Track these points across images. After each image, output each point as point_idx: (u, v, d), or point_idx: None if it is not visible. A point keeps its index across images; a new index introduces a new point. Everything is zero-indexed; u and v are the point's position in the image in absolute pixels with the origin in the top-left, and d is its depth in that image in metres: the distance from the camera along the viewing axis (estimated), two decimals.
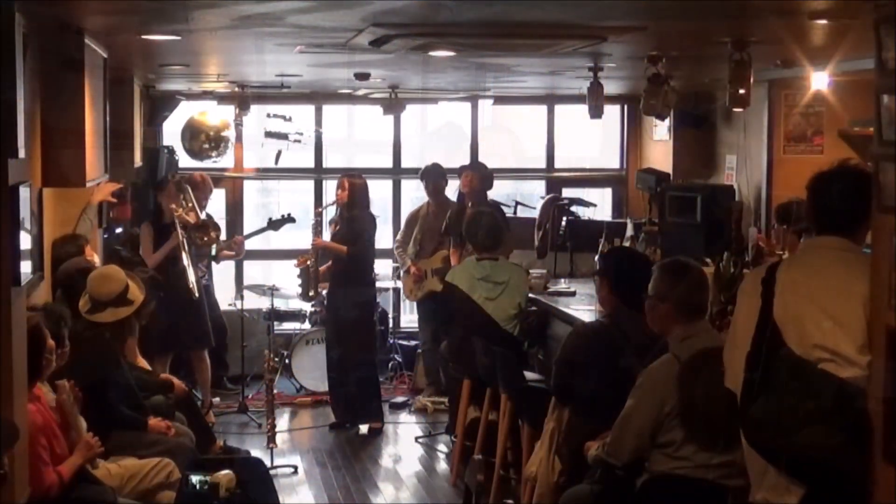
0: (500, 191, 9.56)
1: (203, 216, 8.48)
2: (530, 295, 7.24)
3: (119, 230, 8.20)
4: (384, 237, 10.25)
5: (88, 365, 5.12)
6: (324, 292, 8.47)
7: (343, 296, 8.16)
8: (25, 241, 4.11)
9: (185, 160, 9.84)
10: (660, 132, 10.11)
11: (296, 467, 7.41)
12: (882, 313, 3.16)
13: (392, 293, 10.35)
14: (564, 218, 9.04)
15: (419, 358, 9.48)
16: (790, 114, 8.53)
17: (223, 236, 9.24)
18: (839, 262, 3.48)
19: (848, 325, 3.34)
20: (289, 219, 9.05)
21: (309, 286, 8.38)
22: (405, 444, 8.16)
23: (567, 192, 10.36)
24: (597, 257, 7.50)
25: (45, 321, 4.53)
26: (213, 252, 8.86)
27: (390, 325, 10.19)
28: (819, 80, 7.56)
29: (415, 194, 11.27)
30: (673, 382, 4.05)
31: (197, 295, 7.97)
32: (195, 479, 4.69)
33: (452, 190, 9.24)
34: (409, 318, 10.82)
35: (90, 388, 4.97)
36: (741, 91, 6.00)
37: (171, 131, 10.15)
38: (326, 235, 8.45)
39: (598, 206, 10.12)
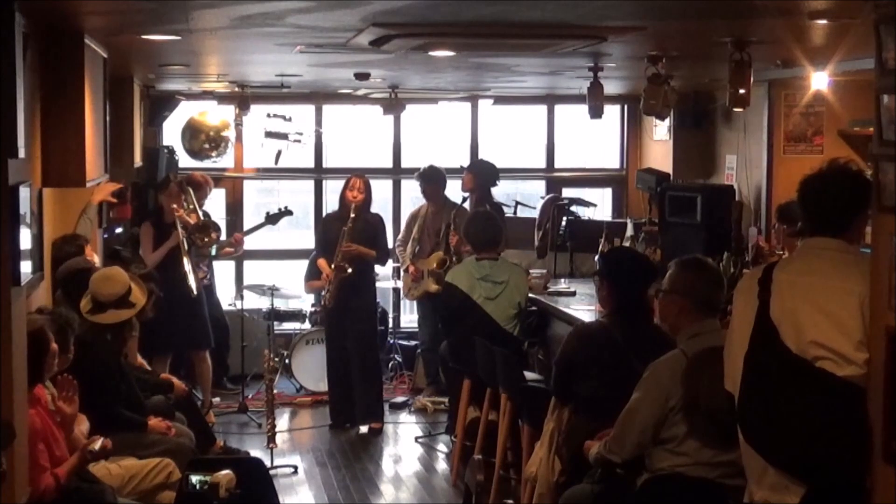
0: (500, 191, 9.56)
1: (201, 214, 8.47)
2: (530, 295, 7.24)
3: (119, 230, 8.19)
4: None
5: (89, 366, 5.11)
6: (323, 292, 8.45)
7: (349, 295, 8.14)
8: (25, 241, 4.11)
9: (185, 160, 9.85)
10: (660, 132, 10.11)
11: (296, 467, 7.41)
12: (882, 313, 3.16)
13: (392, 293, 10.35)
14: (564, 218, 9.05)
15: (419, 358, 9.49)
16: (790, 114, 8.54)
17: (223, 236, 9.24)
18: (835, 262, 3.48)
19: (845, 323, 3.34)
20: (286, 212, 9.00)
21: (336, 292, 8.19)
22: (405, 444, 8.15)
23: (567, 192, 10.36)
24: (597, 257, 7.50)
25: (50, 325, 4.52)
26: (214, 251, 8.85)
27: (390, 325, 10.19)
28: (819, 80, 7.56)
29: (415, 194, 11.25)
30: (679, 377, 4.05)
31: (196, 293, 7.96)
32: (195, 479, 4.68)
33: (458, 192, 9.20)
34: (409, 318, 10.81)
35: (90, 389, 4.97)
36: (741, 91, 6.00)
37: (171, 131, 10.16)
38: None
39: (598, 206, 10.12)
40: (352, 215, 8.01)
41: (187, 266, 7.91)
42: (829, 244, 3.51)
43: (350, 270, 8.02)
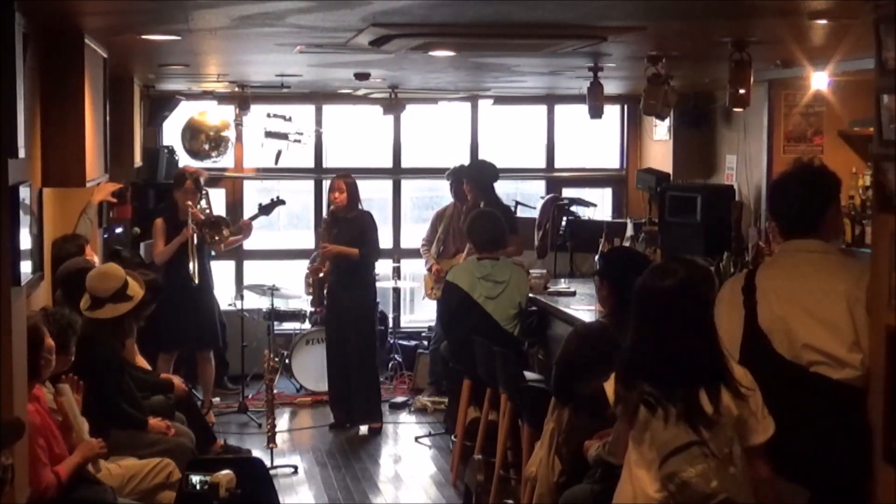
0: (500, 191, 9.55)
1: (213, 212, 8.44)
2: (530, 295, 7.24)
3: (119, 230, 8.19)
4: (384, 237, 10.24)
5: (90, 362, 5.11)
6: (324, 292, 8.46)
7: (344, 296, 8.15)
8: (25, 241, 4.11)
9: (185, 160, 9.84)
10: (660, 132, 10.11)
11: (296, 467, 7.41)
12: (882, 313, 3.16)
13: (392, 293, 10.35)
14: (564, 218, 9.05)
15: (420, 358, 9.48)
16: (790, 114, 8.53)
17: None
18: (818, 263, 3.47)
19: (835, 325, 3.34)
20: (279, 202, 8.93)
21: (321, 293, 8.35)
22: (405, 444, 8.15)
23: (567, 192, 10.36)
24: (597, 257, 7.50)
25: (53, 325, 4.52)
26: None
27: (390, 325, 10.18)
28: (819, 80, 7.56)
29: (414, 194, 11.27)
30: None
31: (197, 281, 7.95)
32: (195, 479, 4.69)
33: None
34: (409, 317, 10.82)
35: (92, 384, 4.97)
36: (741, 91, 6.00)
37: (172, 131, 10.16)
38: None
39: (598, 206, 10.12)
40: (324, 216, 8.07)
41: (192, 263, 7.90)
42: (809, 245, 3.50)
43: (322, 274, 8.18)
